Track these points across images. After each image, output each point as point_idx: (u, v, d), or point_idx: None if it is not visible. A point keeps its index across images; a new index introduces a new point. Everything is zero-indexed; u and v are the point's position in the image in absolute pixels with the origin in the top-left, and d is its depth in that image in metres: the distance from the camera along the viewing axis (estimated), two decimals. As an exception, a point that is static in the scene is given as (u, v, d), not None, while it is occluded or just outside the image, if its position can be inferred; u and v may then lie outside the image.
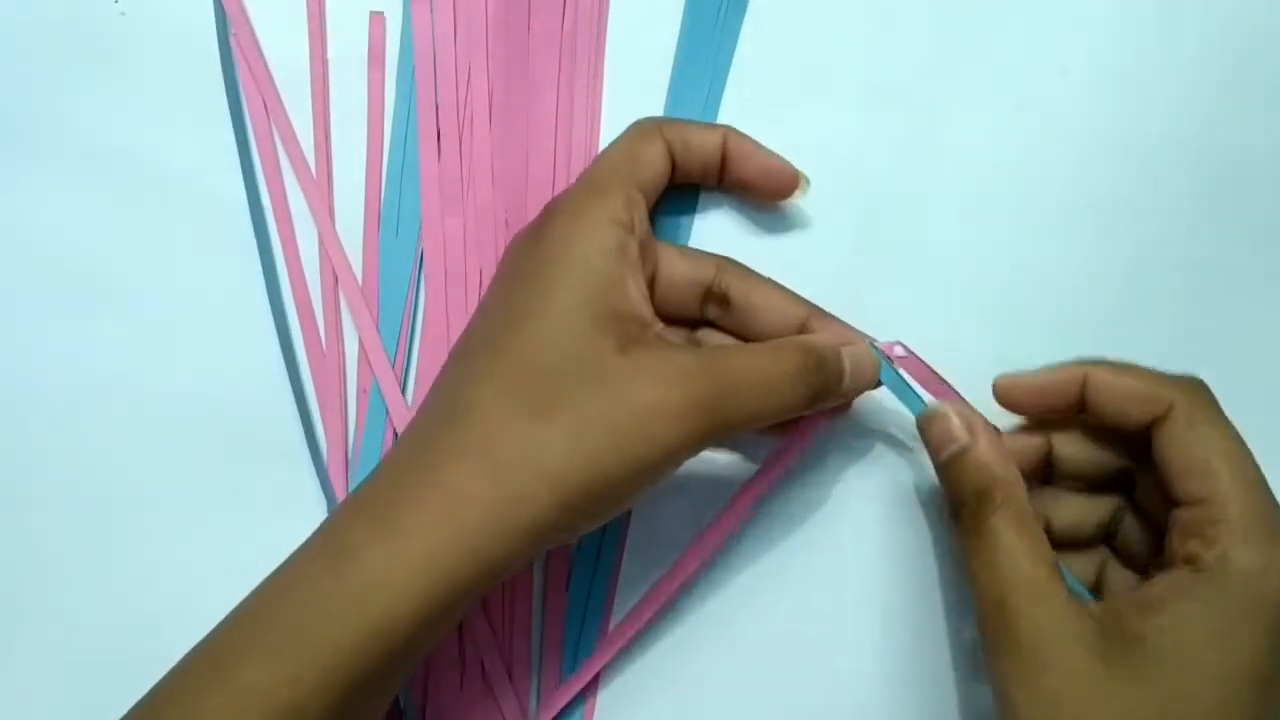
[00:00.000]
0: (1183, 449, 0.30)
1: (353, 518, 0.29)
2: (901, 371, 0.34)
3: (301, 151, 0.39)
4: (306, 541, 0.29)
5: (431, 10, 0.39)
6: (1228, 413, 0.31)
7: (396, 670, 0.28)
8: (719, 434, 0.29)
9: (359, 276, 0.38)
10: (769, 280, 0.34)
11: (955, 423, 0.32)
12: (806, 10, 0.39)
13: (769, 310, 0.33)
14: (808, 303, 0.34)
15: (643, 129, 0.34)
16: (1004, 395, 0.33)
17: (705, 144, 0.35)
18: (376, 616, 0.27)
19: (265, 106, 0.39)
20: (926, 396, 0.34)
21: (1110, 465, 0.33)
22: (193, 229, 0.38)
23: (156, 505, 0.37)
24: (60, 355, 0.38)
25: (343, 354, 0.38)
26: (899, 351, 0.34)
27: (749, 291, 0.33)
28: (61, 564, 0.37)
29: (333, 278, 0.38)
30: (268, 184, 0.39)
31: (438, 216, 0.38)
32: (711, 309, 0.34)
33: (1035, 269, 0.38)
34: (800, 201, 0.36)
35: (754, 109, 0.38)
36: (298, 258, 0.38)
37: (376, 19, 0.39)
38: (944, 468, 0.32)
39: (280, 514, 0.36)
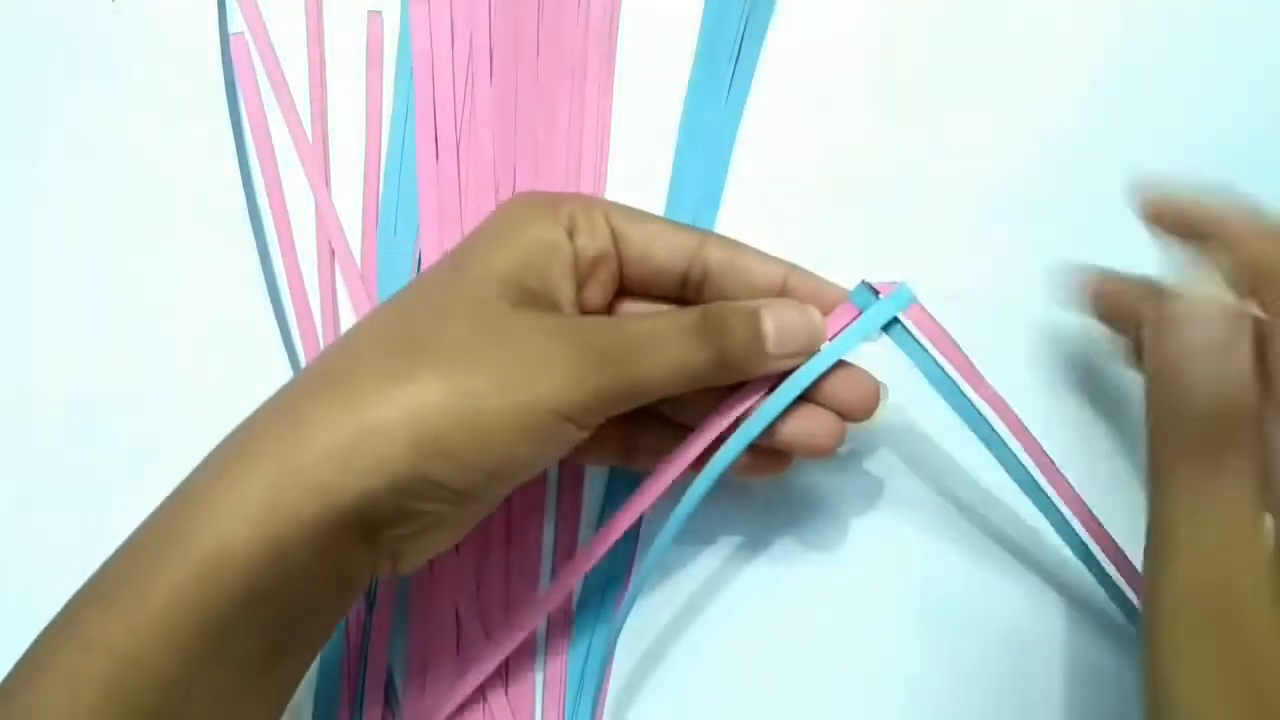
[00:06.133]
0: None
1: (212, 455, 0.28)
2: (908, 323, 0.31)
3: (306, 137, 0.39)
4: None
5: (429, 11, 0.39)
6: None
7: (247, 618, 0.26)
8: (614, 394, 0.28)
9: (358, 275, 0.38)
10: (748, 246, 0.33)
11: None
12: (824, 21, 0.39)
13: (749, 271, 0.32)
14: (786, 263, 0.32)
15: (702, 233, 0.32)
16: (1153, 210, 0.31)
17: (754, 273, 0.32)
18: (207, 551, 0.25)
19: (277, 104, 0.39)
20: (930, 349, 0.32)
21: None
22: (191, 228, 0.38)
23: (155, 504, 0.37)
24: (58, 354, 0.38)
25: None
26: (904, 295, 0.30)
27: (733, 257, 0.32)
28: (61, 565, 0.36)
29: (331, 275, 0.38)
30: (265, 182, 0.39)
31: (435, 217, 0.38)
32: (692, 282, 0.32)
33: (1037, 269, 0.38)
34: (804, 211, 0.36)
35: (773, 119, 0.39)
36: (295, 258, 0.38)
37: (374, 18, 0.39)
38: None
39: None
